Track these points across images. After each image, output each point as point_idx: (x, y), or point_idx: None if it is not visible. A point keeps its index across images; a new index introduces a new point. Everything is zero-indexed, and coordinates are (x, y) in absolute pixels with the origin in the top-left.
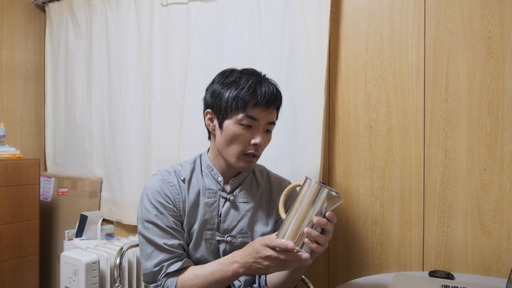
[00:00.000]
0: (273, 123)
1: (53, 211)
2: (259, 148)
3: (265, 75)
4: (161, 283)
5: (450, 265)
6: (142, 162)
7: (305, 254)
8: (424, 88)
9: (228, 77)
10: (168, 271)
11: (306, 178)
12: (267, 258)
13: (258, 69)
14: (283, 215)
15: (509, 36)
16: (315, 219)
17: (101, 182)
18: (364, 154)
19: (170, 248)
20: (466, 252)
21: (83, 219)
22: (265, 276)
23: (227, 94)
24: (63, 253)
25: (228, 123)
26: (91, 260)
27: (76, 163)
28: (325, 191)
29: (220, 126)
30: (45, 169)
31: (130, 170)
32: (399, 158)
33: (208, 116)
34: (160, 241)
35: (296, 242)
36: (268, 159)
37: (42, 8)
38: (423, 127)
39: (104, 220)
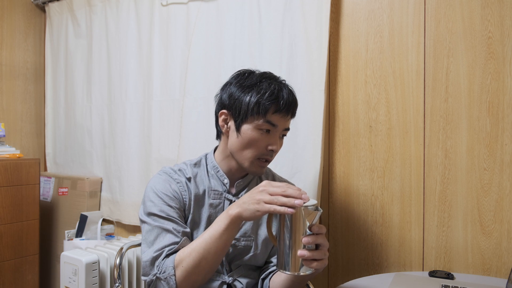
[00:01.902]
0: (288, 129)
1: (53, 211)
2: (273, 154)
3: (284, 80)
4: (159, 267)
5: (450, 265)
6: (142, 162)
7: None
8: (424, 88)
9: (247, 80)
10: (168, 253)
11: None
12: (262, 191)
13: (258, 69)
14: (275, 242)
15: (509, 36)
16: (304, 240)
17: (101, 182)
18: (364, 154)
19: (177, 233)
20: (466, 252)
21: (83, 219)
22: (268, 282)
23: (248, 98)
24: (63, 253)
25: (247, 128)
26: (91, 260)
27: (76, 163)
28: (300, 210)
29: (238, 129)
30: (45, 169)
31: (130, 170)
32: (399, 158)
33: (223, 117)
34: (169, 225)
35: (295, 268)
36: None
37: (42, 8)
38: (423, 127)
39: (104, 220)
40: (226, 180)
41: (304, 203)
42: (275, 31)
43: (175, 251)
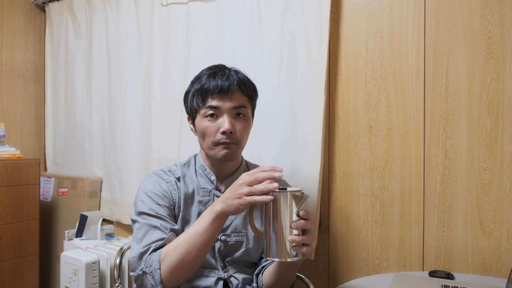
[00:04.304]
0: (242, 107)
1: (53, 211)
2: (231, 135)
3: (224, 66)
4: (146, 262)
5: (450, 265)
6: (142, 162)
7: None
8: (424, 88)
9: (194, 78)
10: (155, 247)
11: None
12: (241, 184)
13: (258, 69)
14: (259, 235)
15: (509, 36)
16: (293, 224)
17: (101, 182)
18: (364, 154)
19: (164, 230)
20: (466, 252)
21: (83, 219)
22: (261, 277)
23: (190, 94)
24: (63, 253)
25: (198, 120)
26: (91, 260)
27: (76, 163)
28: (288, 195)
29: (194, 125)
30: (45, 169)
31: (130, 170)
32: (399, 158)
33: (190, 121)
34: (157, 223)
35: (285, 254)
36: (268, 159)
37: (42, 8)
38: (423, 127)
39: (104, 220)
40: (213, 177)
41: (279, 186)
42: (275, 31)
43: (162, 246)
